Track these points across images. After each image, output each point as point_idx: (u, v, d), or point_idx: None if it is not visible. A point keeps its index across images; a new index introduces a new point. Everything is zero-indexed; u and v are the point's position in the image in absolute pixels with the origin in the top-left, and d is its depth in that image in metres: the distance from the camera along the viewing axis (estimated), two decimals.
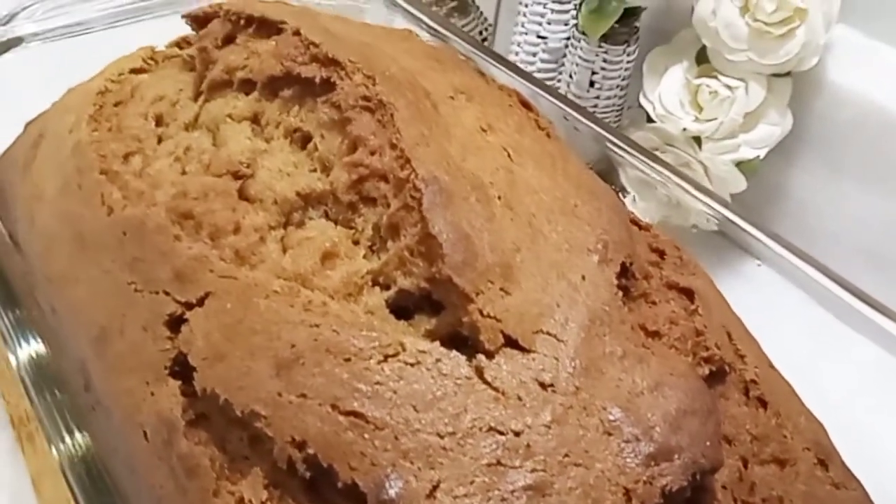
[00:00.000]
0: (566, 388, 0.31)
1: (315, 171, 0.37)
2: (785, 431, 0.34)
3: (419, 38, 0.47)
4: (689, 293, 0.37)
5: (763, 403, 0.35)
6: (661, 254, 0.40)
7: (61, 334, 0.38)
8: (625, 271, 0.36)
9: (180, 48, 0.50)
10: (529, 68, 0.71)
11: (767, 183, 0.69)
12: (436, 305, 0.33)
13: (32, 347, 0.38)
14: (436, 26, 0.65)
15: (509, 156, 0.37)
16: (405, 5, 0.67)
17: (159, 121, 0.42)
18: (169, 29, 0.57)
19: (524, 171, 0.37)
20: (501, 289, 0.32)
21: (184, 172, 0.38)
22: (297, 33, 0.39)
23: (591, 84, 0.67)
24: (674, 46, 0.67)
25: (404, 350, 0.31)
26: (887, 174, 0.64)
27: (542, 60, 0.73)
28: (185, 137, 0.40)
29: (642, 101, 0.67)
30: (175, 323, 0.33)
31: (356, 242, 0.35)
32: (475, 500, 0.28)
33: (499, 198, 0.35)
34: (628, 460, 0.30)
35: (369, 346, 0.31)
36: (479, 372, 0.31)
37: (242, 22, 0.41)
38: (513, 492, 0.29)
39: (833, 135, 0.66)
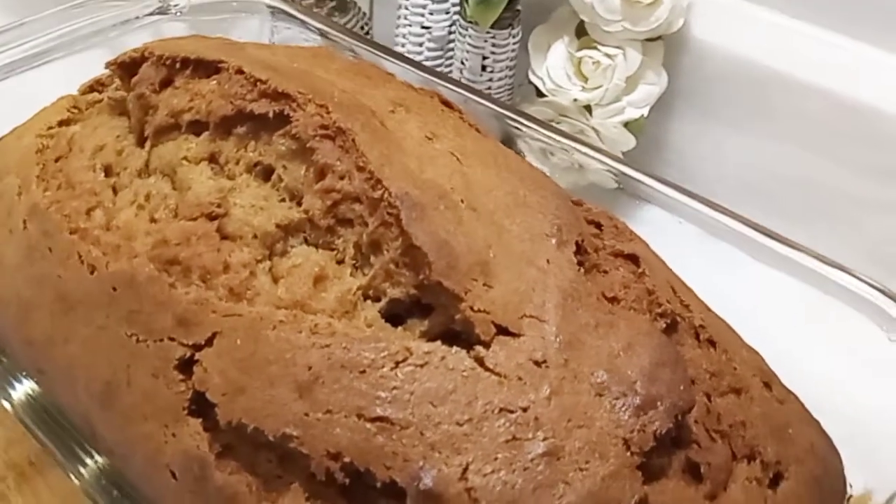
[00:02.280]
0: (557, 361, 0.35)
1: (284, 200, 0.39)
2: (734, 364, 0.40)
3: (340, 54, 0.49)
4: (633, 258, 0.41)
5: (712, 344, 0.40)
6: (598, 225, 0.44)
7: (55, 392, 0.39)
8: (578, 248, 0.40)
9: (98, 91, 0.50)
10: (417, 59, 0.75)
11: (652, 138, 0.75)
12: (424, 308, 0.37)
13: (27, 387, 0.38)
14: (326, 29, 0.67)
15: (458, 160, 0.41)
16: (291, 11, 0.69)
17: (108, 171, 0.42)
18: (61, 72, 0.57)
19: (474, 172, 0.40)
20: (484, 284, 0.36)
21: (153, 220, 0.39)
22: (239, 71, 0.40)
23: (483, 68, 0.71)
24: (553, 24, 0.72)
25: (411, 354, 0.34)
26: (755, 118, 0.71)
27: (429, 49, 0.76)
28: (141, 185, 0.41)
29: (532, 77, 0.72)
30: (185, 365, 0.35)
31: (340, 262, 0.37)
32: (501, 474, 0.32)
33: (462, 201, 0.38)
34: (621, 414, 0.34)
35: (380, 356, 0.34)
36: (481, 361, 0.34)
37: (178, 65, 0.42)
38: (532, 460, 0.33)
39: (704, 87, 0.72)
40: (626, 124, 0.71)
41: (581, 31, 0.71)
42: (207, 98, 0.41)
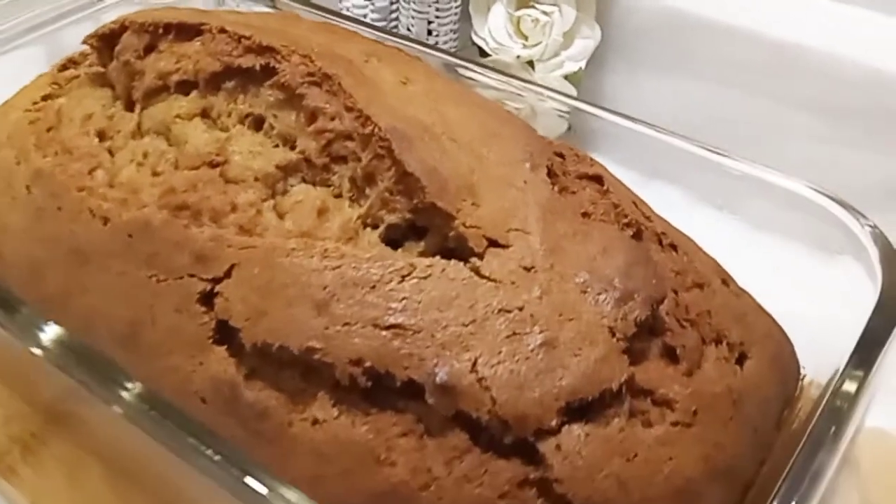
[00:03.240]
0: (543, 266, 0.39)
1: (278, 146, 0.42)
2: (695, 264, 0.44)
3: (305, 18, 0.52)
4: (598, 178, 0.46)
5: (674, 248, 0.45)
6: (561, 155, 0.48)
7: None
8: (549, 172, 0.44)
9: (71, 68, 0.52)
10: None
11: (590, 89, 0.80)
12: (419, 231, 0.40)
13: (49, 333, 0.39)
14: (289, 2, 0.69)
15: (432, 100, 0.44)
16: None
17: (102, 136, 0.45)
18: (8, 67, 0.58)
19: (448, 109, 0.44)
20: (473, 203, 0.40)
21: (155, 174, 0.42)
22: (222, 31, 0.43)
23: (429, 33, 0.75)
24: None
25: (415, 268, 0.38)
26: (684, 63, 0.77)
27: (373, 20, 0.79)
28: (136, 145, 0.44)
29: (475, 39, 0.76)
30: (206, 298, 0.38)
31: (338, 196, 0.41)
32: (506, 364, 0.36)
33: (442, 134, 0.42)
34: (604, 307, 0.39)
35: (387, 272, 0.37)
36: (477, 270, 0.38)
37: (161, 30, 0.45)
38: (532, 351, 0.36)
39: (635, 38, 0.77)
40: (567, 77, 0.76)
41: None
42: (193, 58, 0.44)
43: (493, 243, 0.39)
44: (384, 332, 0.36)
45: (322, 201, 0.40)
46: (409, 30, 0.75)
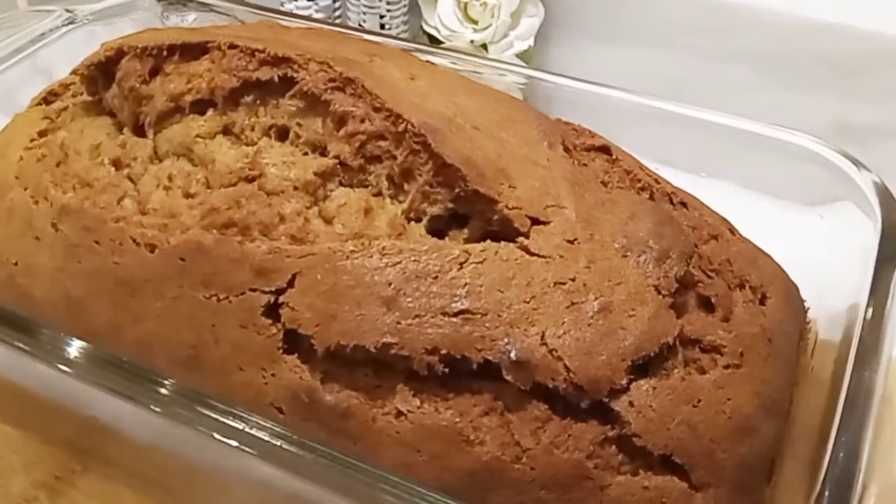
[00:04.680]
0: (584, 236, 0.41)
1: (307, 154, 0.42)
2: (705, 218, 0.47)
3: (287, 24, 0.52)
4: (604, 149, 0.48)
5: (684, 205, 0.47)
6: (565, 131, 0.51)
7: None
8: (564, 148, 0.46)
9: (48, 102, 0.51)
10: None
11: (541, 64, 0.82)
12: (460, 219, 0.42)
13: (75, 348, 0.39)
14: (230, 5, 0.69)
15: (443, 92, 0.46)
16: None
17: (118, 164, 0.44)
18: None
19: (461, 100, 0.46)
20: (509, 186, 0.41)
21: (188, 196, 0.42)
22: (232, 46, 0.43)
23: (382, 27, 0.76)
24: None
25: (470, 255, 0.39)
26: (623, 30, 0.80)
27: (316, 20, 0.80)
28: (157, 169, 0.44)
29: (426, 28, 0.77)
30: (271, 310, 0.38)
31: (377, 195, 0.42)
32: (571, 332, 0.38)
33: (465, 124, 0.43)
34: (646, 268, 0.41)
35: (445, 262, 0.39)
36: (526, 249, 0.40)
37: (165, 52, 0.44)
38: (592, 317, 0.39)
39: (576, 12, 0.80)
40: (519, 56, 0.78)
41: None
42: (205, 77, 0.44)
43: (535, 221, 0.41)
44: (454, 319, 0.38)
45: (366, 202, 0.41)
46: (360, 25, 0.76)
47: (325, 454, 0.35)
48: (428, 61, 0.51)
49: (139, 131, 0.46)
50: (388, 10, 0.75)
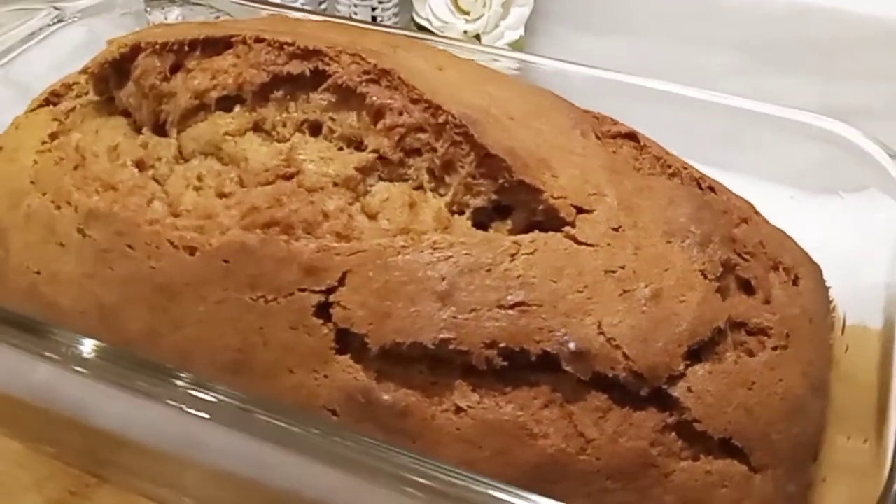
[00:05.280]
0: (628, 223, 0.41)
1: (342, 148, 0.41)
2: (733, 202, 0.48)
3: (299, 17, 0.51)
4: (632, 136, 0.48)
5: (712, 189, 0.48)
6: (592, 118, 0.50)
7: None
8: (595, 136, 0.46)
9: (53, 103, 0.49)
10: None
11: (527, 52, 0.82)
12: (503, 210, 0.41)
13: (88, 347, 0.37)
14: None
15: (475, 82, 0.45)
16: None
17: (141, 165, 0.43)
18: None
19: (492, 90, 0.45)
20: (552, 175, 0.41)
21: (222, 195, 0.40)
22: (258, 40, 0.42)
23: (374, 19, 0.75)
24: None
25: (521, 246, 0.38)
26: (610, 19, 0.80)
27: (302, 10, 0.78)
28: (185, 169, 0.42)
29: (417, 20, 0.76)
30: (321, 310, 0.37)
31: (418, 188, 0.41)
32: (627, 320, 0.38)
33: (501, 114, 0.43)
34: (691, 252, 0.41)
35: (497, 254, 0.38)
36: (574, 238, 0.39)
37: (186, 48, 0.43)
38: (645, 304, 0.38)
39: (564, 3, 0.80)
40: (511, 46, 0.78)
41: None
42: (232, 72, 0.42)
43: (579, 210, 0.40)
44: (511, 312, 0.37)
45: (409, 195, 0.40)
46: (351, 17, 0.75)
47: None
48: (445, 51, 0.51)
49: (159, 130, 0.44)
50: (381, 2, 0.74)
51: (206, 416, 0.36)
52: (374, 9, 0.74)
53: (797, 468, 0.40)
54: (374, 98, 0.40)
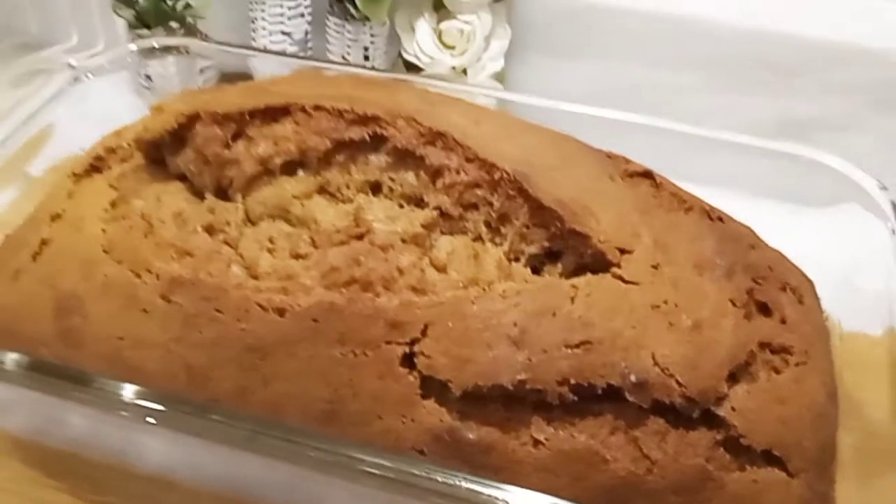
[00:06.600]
0: (665, 260, 0.45)
1: (402, 206, 0.45)
2: (740, 230, 0.53)
3: (330, 72, 0.54)
4: (647, 174, 0.53)
5: (721, 219, 0.53)
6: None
7: None
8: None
9: (98, 170, 0.51)
10: None
11: (509, 81, 0.86)
12: (552, 255, 0.45)
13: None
14: (203, 44, 0.70)
15: (510, 135, 0.49)
16: (170, 42, 0.71)
17: (210, 231, 0.45)
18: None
19: (524, 140, 0.49)
20: (596, 220, 0.45)
21: (297, 257, 0.43)
22: (318, 108, 0.45)
23: (366, 58, 0.78)
24: (413, 3, 0.79)
25: (578, 289, 0.43)
26: (583, 46, 0.85)
27: (291, 53, 0.81)
28: (253, 233, 0.45)
29: (405, 56, 0.80)
30: (407, 360, 0.41)
31: (476, 240, 0.45)
32: (676, 350, 0.42)
33: (541, 166, 0.47)
34: (720, 283, 0.46)
35: (559, 297, 0.42)
36: (621, 278, 0.44)
37: (247, 117, 0.46)
38: (688, 334, 0.43)
39: (540, 30, 0.85)
40: (494, 76, 0.82)
41: (439, 5, 0.79)
42: (294, 139, 0.45)
43: (623, 251, 0.45)
44: (577, 350, 0.41)
45: (473, 249, 0.44)
46: (344, 58, 0.78)
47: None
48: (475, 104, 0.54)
49: (221, 195, 0.47)
50: (372, 42, 0.77)
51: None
52: (366, 48, 0.77)
53: (824, 469, 0.45)
54: (433, 159, 0.44)
